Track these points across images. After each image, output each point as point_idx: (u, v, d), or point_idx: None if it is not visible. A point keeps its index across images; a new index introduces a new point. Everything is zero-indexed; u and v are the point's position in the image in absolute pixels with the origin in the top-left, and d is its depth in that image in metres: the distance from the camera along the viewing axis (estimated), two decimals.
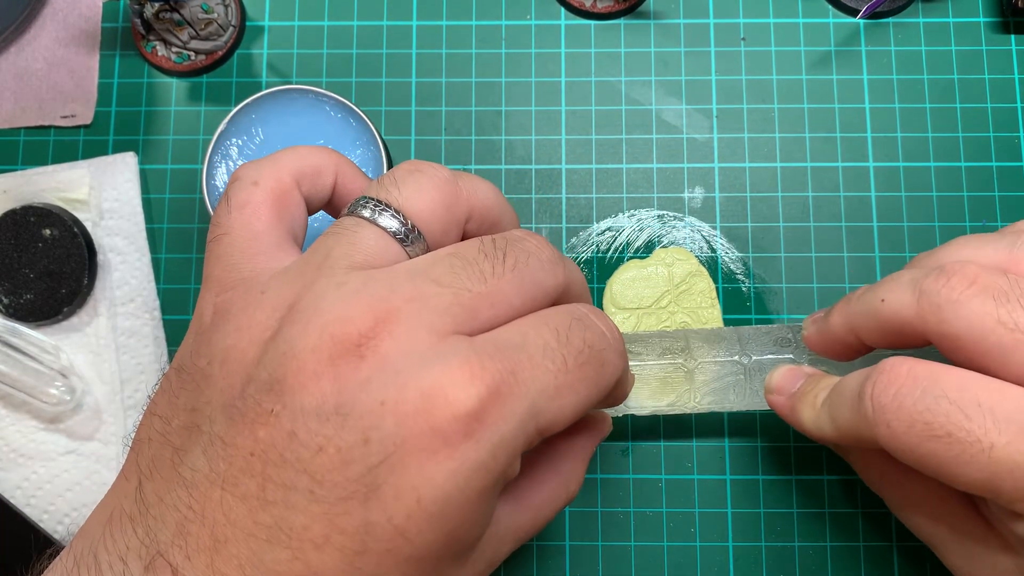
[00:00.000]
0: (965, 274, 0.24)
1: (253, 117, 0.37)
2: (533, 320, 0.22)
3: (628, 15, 0.44)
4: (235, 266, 0.23)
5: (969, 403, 0.23)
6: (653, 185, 0.42)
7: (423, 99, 0.43)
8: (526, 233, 0.24)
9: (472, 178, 0.25)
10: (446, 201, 0.24)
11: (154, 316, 0.41)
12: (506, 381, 0.20)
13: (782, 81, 0.43)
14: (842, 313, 0.29)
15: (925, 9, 0.43)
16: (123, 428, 0.40)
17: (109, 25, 0.44)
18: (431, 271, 0.22)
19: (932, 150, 0.42)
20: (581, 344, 0.22)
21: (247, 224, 0.24)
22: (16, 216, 0.40)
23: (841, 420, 0.26)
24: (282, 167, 0.25)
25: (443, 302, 0.21)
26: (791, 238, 0.41)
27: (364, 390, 0.20)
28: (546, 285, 0.23)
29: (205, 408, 0.21)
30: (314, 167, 0.26)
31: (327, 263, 0.22)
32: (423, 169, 0.24)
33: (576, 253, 0.42)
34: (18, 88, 0.43)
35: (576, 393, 0.22)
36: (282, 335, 0.21)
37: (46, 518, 0.39)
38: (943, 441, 0.23)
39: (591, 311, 0.24)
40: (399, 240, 0.23)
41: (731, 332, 0.35)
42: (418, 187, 0.24)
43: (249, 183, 0.25)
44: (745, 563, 0.39)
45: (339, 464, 0.19)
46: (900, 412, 0.24)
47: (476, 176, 0.26)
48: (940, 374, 0.24)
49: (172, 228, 0.42)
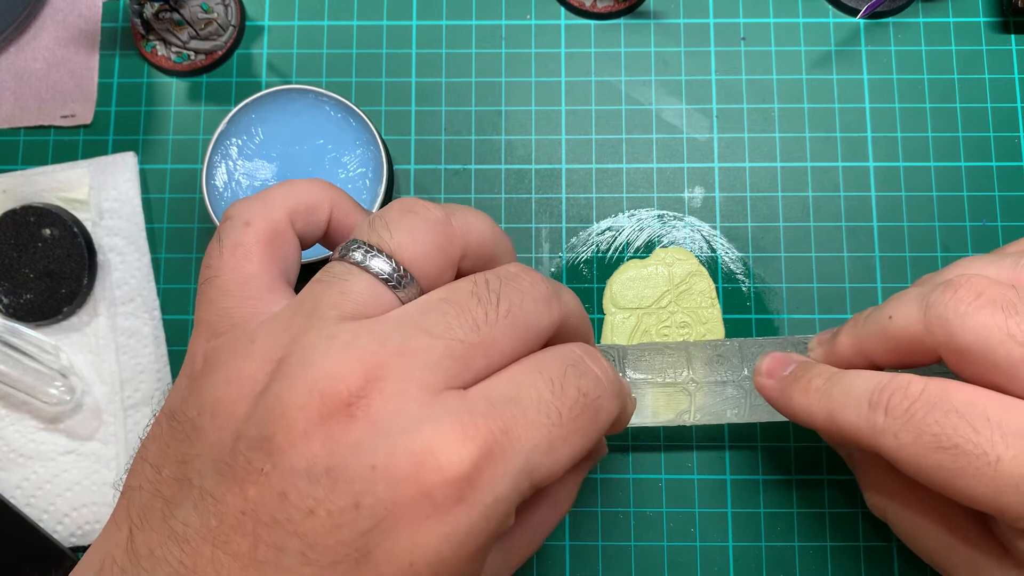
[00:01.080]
0: (972, 286, 0.24)
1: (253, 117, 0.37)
2: (527, 369, 0.22)
3: (628, 15, 0.44)
4: (226, 311, 0.23)
5: (977, 417, 0.23)
6: (653, 185, 0.42)
7: (423, 99, 0.43)
8: (521, 269, 0.24)
9: (466, 213, 0.25)
10: (439, 242, 0.23)
11: (154, 316, 0.41)
12: (499, 441, 0.20)
13: (782, 81, 0.43)
14: (850, 334, 0.29)
15: (925, 9, 0.43)
16: (123, 428, 0.40)
17: (109, 25, 0.44)
18: (423, 320, 0.21)
19: (932, 150, 0.42)
20: (576, 393, 0.22)
21: (238, 267, 0.23)
22: (16, 216, 0.40)
23: (843, 417, 0.26)
24: (275, 205, 0.25)
25: (434, 355, 0.21)
26: (791, 238, 0.41)
27: (354, 453, 0.19)
28: (541, 326, 0.23)
29: (195, 461, 0.21)
30: (308, 203, 0.25)
31: (317, 312, 0.21)
32: (415, 210, 0.24)
33: (576, 253, 0.42)
34: (18, 88, 0.43)
35: (571, 444, 0.22)
36: (271, 391, 0.20)
37: (46, 518, 0.39)
38: (949, 453, 0.23)
39: (586, 353, 0.23)
40: (391, 286, 0.22)
41: (733, 346, 0.35)
42: (410, 229, 0.23)
43: (241, 223, 0.24)
44: (745, 563, 0.39)
45: (330, 528, 0.19)
46: (910, 424, 0.24)
47: (470, 210, 0.25)
48: (951, 389, 0.24)
49: (172, 228, 0.42)
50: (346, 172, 0.37)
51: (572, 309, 0.25)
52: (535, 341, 0.23)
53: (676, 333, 0.40)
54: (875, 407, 0.25)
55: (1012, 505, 0.23)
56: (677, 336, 0.40)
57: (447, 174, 0.42)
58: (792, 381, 0.29)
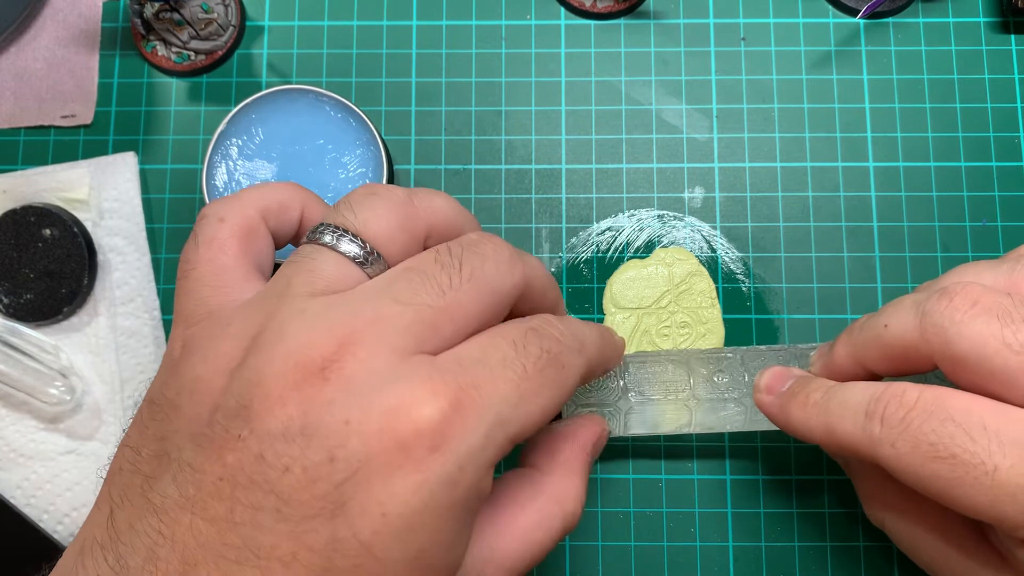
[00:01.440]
0: (967, 294, 0.24)
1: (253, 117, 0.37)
2: (490, 334, 0.23)
3: (628, 15, 0.44)
4: (203, 300, 0.24)
5: (974, 425, 0.23)
6: (653, 185, 0.42)
7: (423, 99, 0.43)
8: (482, 236, 0.24)
9: (428, 193, 0.26)
10: (403, 221, 0.24)
11: (154, 316, 0.41)
12: (468, 394, 0.21)
13: (782, 81, 0.43)
14: (846, 344, 0.29)
15: (925, 9, 0.43)
16: (123, 428, 0.40)
17: (109, 25, 0.44)
18: (390, 289, 0.22)
19: (932, 150, 0.42)
20: (538, 351, 0.23)
21: (214, 259, 0.24)
22: (16, 216, 0.40)
23: (840, 429, 0.26)
24: (248, 203, 0.26)
25: (404, 321, 0.21)
26: (791, 238, 0.41)
27: (328, 411, 0.20)
28: (505, 287, 0.24)
29: (174, 437, 0.21)
30: (280, 202, 0.26)
31: (289, 292, 0.22)
32: (378, 192, 0.25)
33: (576, 253, 0.42)
34: (18, 88, 0.43)
35: (540, 396, 0.22)
36: (247, 364, 0.21)
37: (46, 518, 0.39)
38: (947, 462, 0.23)
39: (544, 320, 0.24)
40: (359, 264, 0.23)
41: (735, 358, 0.34)
42: (374, 210, 0.24)
43: (216, 219, 0.25)
44: (745, 563, 0.39)
45: (305, 483, 0.20)
46: (906, 434, 0.24)
47: (432, 191, 0.26)
48: (947, 397, 0.24)
49: (172, 228, 0.42)
50: (346, 172, 0.37)
51: (537, 273, 0.26)
52: (500, 304, 0.24)
53: (676, 333, 0.40)
54: (871, 417, 0.25)
55: (1010, 514, 0.23)
56: (677, 336, 0.40)
57: (447, 174, 0.42)
58: (790, 397, 0.29)
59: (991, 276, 0.26)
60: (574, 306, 0.41)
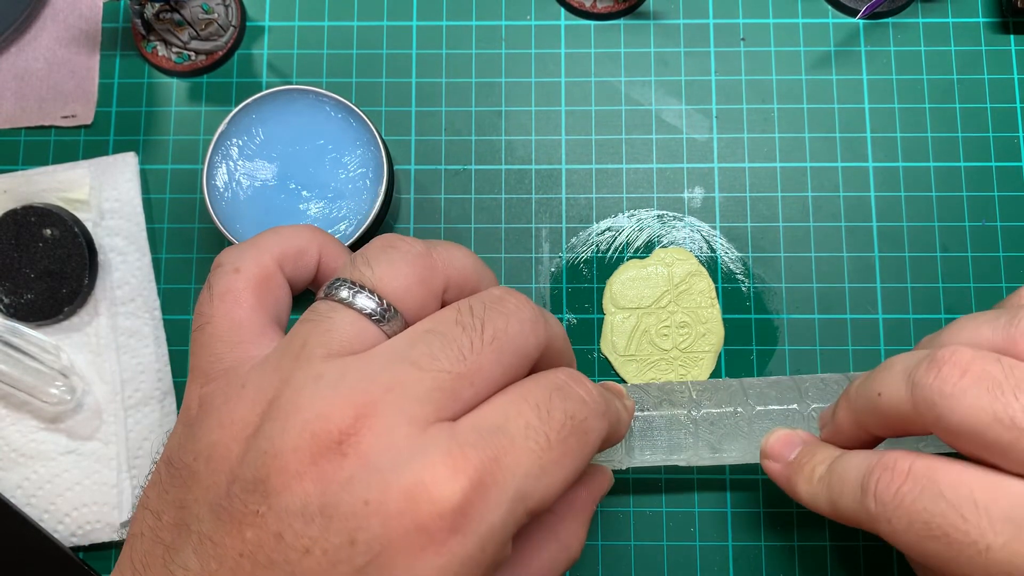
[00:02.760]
0: (956, 363, 0.24)
1: (253, 117, 0.37)
2: (513, 397, 0.22)
3: (628, 15, 0.44)
4: (218, 356, 0.23)
5: (965, 502, 0.23)
6: (653, 185, 0.42)
7: (423, 99, 0.43)
8: (506, 293, 0.24)
9: (447, 246, 0.25)
10: (421, 276, 0.24)
11: (154, 316, 0.41)
12: (489, 470, 0.20)
13: (782, 81, 0.43)
14: (846, 410, 0.29)
15: (924, 9, 0.43)
16: (123, 428, 0.40)
17: (109, 25, 0.44)
18: (409, 353, 0.21)
19: (931, 150, 0.42)
20: (562, 417, 0.22)
21: (229, 313, 0.24)
22: (17, 216, 0.40)
23: (842, 505, 0.26)
24: (264, 251, 0.25)
25: (422, 388, 0.21)
26: (791, 238, 0.42)
27: (347, 490, 0.20)
28: (527, 349, 0.23)
29: (193, 506, 0.21)
30: (297, 248, 0.26)
31: (304, 353, 0.22)
32: (396, 245, 0.24)
33: (576, 253, 0.42)
34: (19, 88, 0.43)
35: (562, 468, 0.22)
36: (263, 433, 0.21)
37: (46, 518, 0.39)
38: (941, 541, 0.23)
39: (570, 377, 0.23)
40: (376, 321, 0.23)
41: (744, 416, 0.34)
42: (391, 265, 0.23)
43: (231, 270, 0.24)
44: (745, 563, 0.39)
45: (327, 566, 0.19)
46: (899, 510, 0.24)
47: (451, 244, 0.25)
48: (938, 471, 0.24)
49: (172, 228, 0.42)
50: (346, 172, 0.37)
51: (557, 332, 0.25)
52: (522, 365, 0.23)
53: (676, 333, 0.40)
54: (866, 492, 0.25)
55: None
56: (677, 335, 0.40)
57: (447, 174, 0.42)
58: (797, 469, 0.29)
59: (989, 331, 0.26)
60: (574, 306, 0.41)
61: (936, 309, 0.41)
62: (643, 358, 0.40)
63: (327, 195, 0.37)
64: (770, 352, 0.40)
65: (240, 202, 0.37)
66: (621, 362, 0.40)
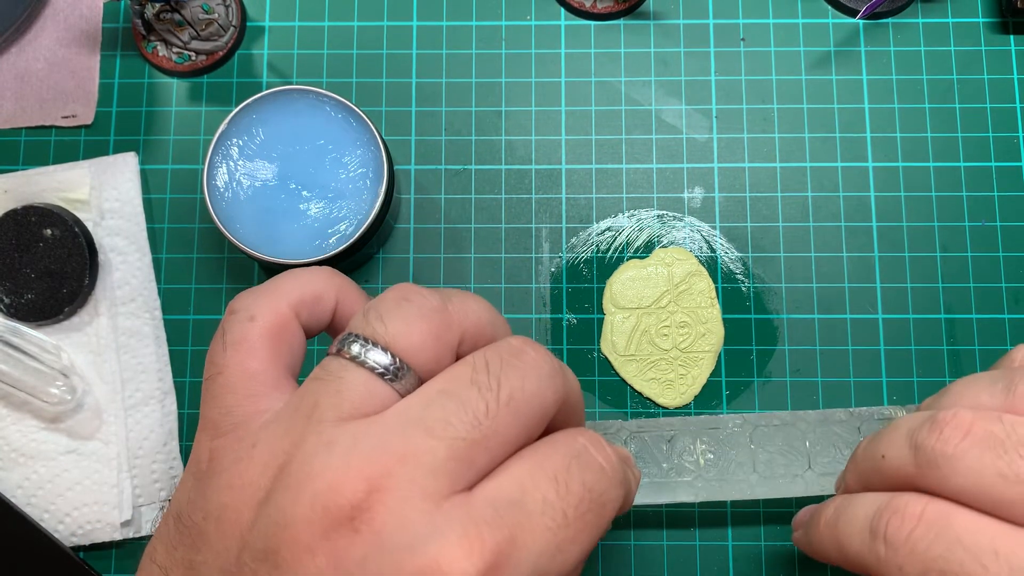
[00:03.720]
0: (958, 424, 0.24)
1: (254, 117, 0.37)
2: (530, 466, 0.21)
3: (628, 15, 0.44)
4: (229, 409, 0.23)
5: (985, 551, 0.22)
6: (653, 185, 0.42)
7: (423, 99, 0.43)
8: (523, 345, 0.23)
9: (462, 298, 0.24)
10: (436, 331, 0.23)
11: (155, 316, 0.41)
12: (504, 551, 0.20)
13: (782, 81, 0.43)
14: (853, 472, 0.28)
15: (924, 9, 0.43)
16: (124, 428, 0.40)
17: (110, 26, 0.44)
18: (423, 418, 0.21)
19: (931, 150, 0.42)
20: (581, 490, 0.21)
21: (242, 364, 0.23)
22: (17, 216, 0.40)
23: (850, 549, 0.25)
24: (280, 297, 0.24)
25: (437, 458, 0.20)
26: (790, 238, 0.42)
27: (360, 570, 0.19)
28: (546, 407, 0.22)
29: (202, 568, 0.21)
30: (314, 294, 0.25)
31: (315, 415, 0.21)
32: (410, 298, 0.23)
33: (576, 253, 0.42)
34: (19, 88, 0.43)
35: (579, 544, 0.21)
36: (274, 501, 0.20)
37: (47, 517, 0.39)
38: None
39: (590, 442, 0.23)
40: (388, 379, 0.22)
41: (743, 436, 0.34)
42: (406, 320, 0.22)
43: (245, 318, 0.24)
44: (745, 563, 0.39)
45: None
46: (913, 557, 0.23)
47: (466, 294, 0.25)
48: (952, 516, 0.23)
49: (173, 228, 0.42)
50: (346, 172, 0.37)
51: (573, 386, 0.24)
52: (539, 424, 0.22)
53: (675, 333, 0.40)
54: (875, 535, 0.24)
55: None
56: (676, 335, 0.40)
57: (447, 174, 0.42)
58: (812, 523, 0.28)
59: (988, 396, 0.25)
60: (574, 306, 0.41)
61: (936, 309, 0.41)
62: (643, 358, 0.40)
63: (327, 195, 0.37)
64: (770, 352, 0.41)
65: (240, 202, 0.37)
66: (621, 362, 0.40)
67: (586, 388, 0.40)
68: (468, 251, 0.42)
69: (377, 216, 0.37)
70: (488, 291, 0.41)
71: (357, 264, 0.41)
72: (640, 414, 0.40)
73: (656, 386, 0.40)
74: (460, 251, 0.42)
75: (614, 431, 0.35)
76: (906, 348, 0.40)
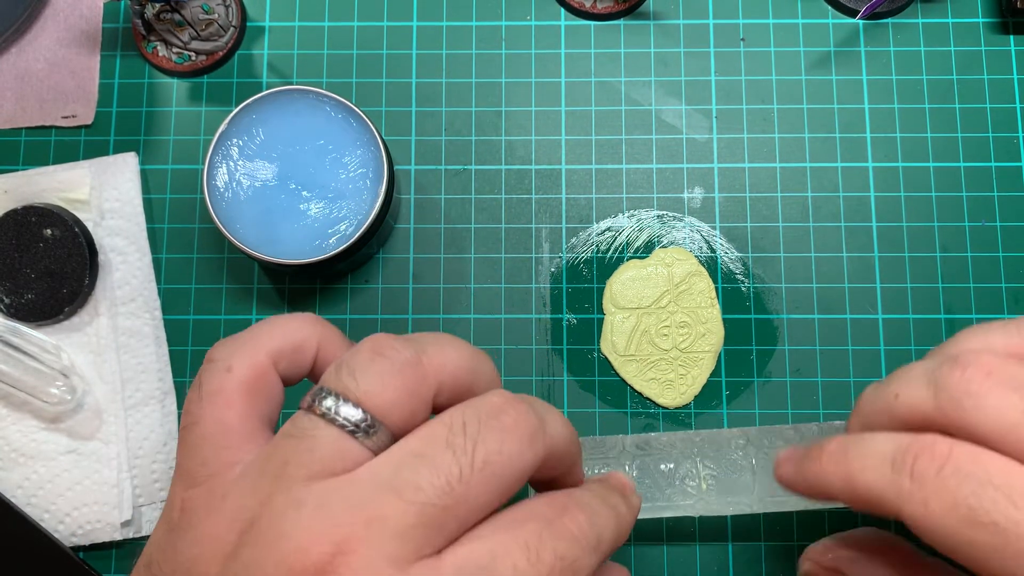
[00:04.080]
0: (981, 365, 0.23)
1: (254, 117, 0.37)
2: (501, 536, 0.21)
3: (628, 16, 0.44)
4: (204, 461, 0.23)
5: (1016, 490, 0.22)
6: (653, 185, 0.42)
7: (423, 99, 0.43)
8: (505, 403, 0.22)
9: (439, 346, 0.24)
10: (410, 386, 0.22)
11: (155, 316, 0.41)
12: None
13: (781, 81, 0.43)
14: (856, 417, 0.28)
15: (924, 10, 0.44)
16: (124, 428, 0.40)
17: (110, 26, 0.44)
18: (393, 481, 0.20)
19: (931, 150, 0.42)
20: (552, 559, 0.21)
21: (218, 415, 0.23)
22: (17, 216, 0.40)
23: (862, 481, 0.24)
24: (259, 347, 0.24)
25: (404, 523, 0.20)
26: (790, 238, 0.42)
27: None
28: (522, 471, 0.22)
29: None
30: (294, 344, 0.25)
31: (285, 473, 0.21)
32: (384, 353, 0.23)
33: (576, 253, 0.42)
34: (19, 88, 0.43)
35: None
36: (241, 558, 0.20)
37: (47, 517, 0.39)
38: (988, 529, 0.22)
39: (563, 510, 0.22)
40: (359, 437, 0.21)
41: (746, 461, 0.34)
42: (380, 376, 0.22)
43: (223, 368, 0.24)
44: (745, 563, 0.39)
45: None
46: (942, 493, 0.22)
47: (444, 340, 0.24)
48: (984, 457, 0.22)
49: (173, 228, 0.42)
50: (346, 172, 0.37)
51: (557, 440, 0.23)
52: (514, 487, 0.22)
53: (675, 333, 0.40)
54: (899, 469, 0.23)
55: None
56: (676, 335, 0.40)
57: (447, 174, 0.42)
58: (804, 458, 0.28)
59: (1002, 339, 0.25)
60: (574, 306, 0.41)
61: (936, 309, 0.41)
62: (643, 358, 0.40)
63: (327, 195, 0.37)
64: (770, 352, 0.41)
65: (240, 202, 0.37)
66: (621, 362, 0.40)
67: (586, 388, 0.40)
68: (468, 251, 0.42)
69: (377, 216, 0.37)
70: (488, 291, 0.41)
71: (357, 264, 0.41)
72: (640, 414, 0.40)
73: (656, 386, 0.40)
74: (460, 251, 0.42)
75: (615, 454, 0.35)
76: (906, 348, 0.40)
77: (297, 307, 0.42)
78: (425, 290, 0.41)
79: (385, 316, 0.41)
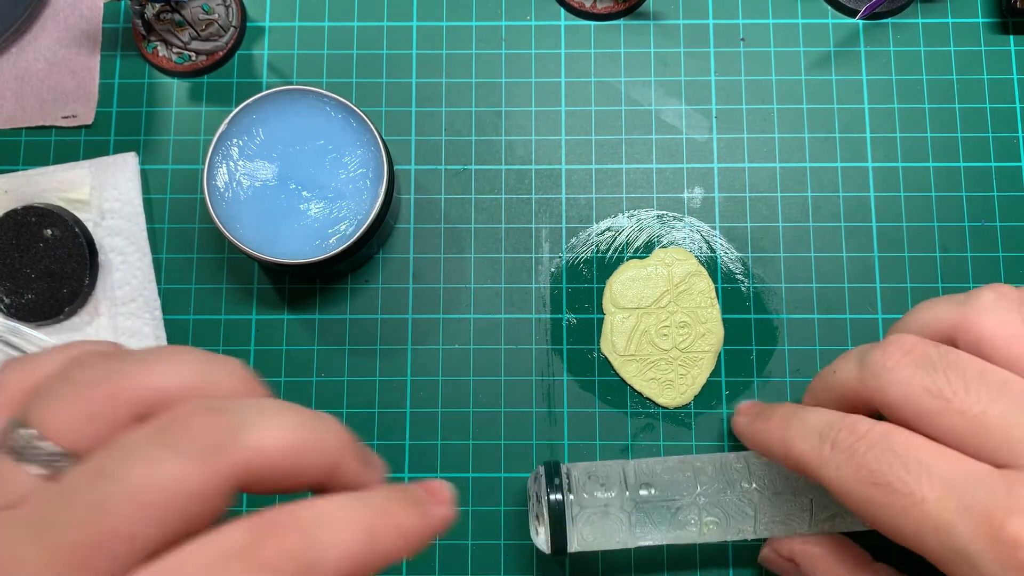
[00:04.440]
0: (901, 344, 0.27)
1: (254, 117, 0.37)
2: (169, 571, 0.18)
3: (628, 16, 0.44)
4: None
5: (911, 459, 0.25)
6: (653, 185, 0.42)
7: (423, 99, 0.43)
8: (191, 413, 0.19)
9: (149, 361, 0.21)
10: (90, 411, 0.20)
11: (155, 316, 0.41)
12: None
13: (781, 81, 0.43)
14: (808, 393, 0.33)
15: (924, 10, 0.44)
16: None
17: (110, 26, 0.44)
18: (30, 519, 0.18)
19: (931, 150, 0.42)
20: None
21: None
22: (17, 216, 0.40)
23: (795, 448, 0.29)
24: None
25: (34, 568, 0.17)
26: (790, 238, 0.42)
27: None
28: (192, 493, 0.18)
29: None
30: None
31: None
32: (70, 378, 0.20)
33: (576, 253, 0.42)
34: (19, 88, 0.43)
35: None
36: None
37: None
38: (882, 489, 0.25)
39: (287, 520, 0.19)
40: (31, 463, 0.19)
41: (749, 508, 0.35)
42: (61, 399, 0.20)
43: None
44: (745, 563, 0.39)
45: None
46: (851, 459, 0.26)
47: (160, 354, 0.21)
48: (892, 432, 0.26)
49: (173, 228, 0.42)
50: (346, 172, 0.37)
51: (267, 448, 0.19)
52: (183, 514, 0.18)
53: (675, 333, 0.40)
54: (824, 439, 0.28)
55: (933, 547, 0.25)
56: (676, 335, 0.40)
57: (447, 174, 0.42)
58: (757, 415, 0.33)
59: (944, 308, 0.29)
60: (574, 306, 0.41)
61: None
62: (643, 358, 0.40)
63: (327, 195, 0.37)
64: (769, 352, 0.41)
65: (240, 202, 0.37)
66: (621, 362, 0.40)
67: (586, 388, 0.40)
68: (468, 251, 0.42)
69: (377, 216, 0.37)
70: (488, 291, 0.41)
71: (357, 264, 0.41)
72: (640, 414, 0.40)
73: (656, 386, 0.40)
74: (460, 251, 0.42)
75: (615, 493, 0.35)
76: None
77: (297, 307, 0.42)
78: (425, 290, 0.41)
79: (385, 316, 0.41)
